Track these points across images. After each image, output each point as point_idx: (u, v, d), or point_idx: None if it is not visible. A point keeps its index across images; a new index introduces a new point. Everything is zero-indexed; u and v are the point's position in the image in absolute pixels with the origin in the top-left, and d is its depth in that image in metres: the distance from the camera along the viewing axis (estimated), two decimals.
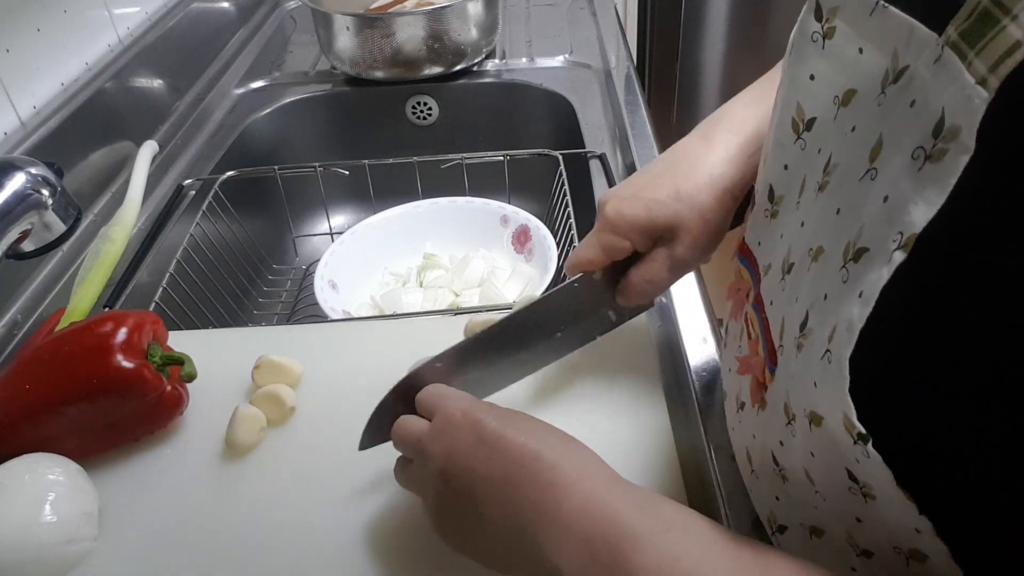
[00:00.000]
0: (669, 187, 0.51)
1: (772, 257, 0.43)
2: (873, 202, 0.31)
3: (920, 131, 0.28)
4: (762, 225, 0.45)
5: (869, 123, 0.33)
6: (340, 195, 1.09)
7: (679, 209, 0.50)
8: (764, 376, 0.42)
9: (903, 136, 0.30)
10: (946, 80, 0.27)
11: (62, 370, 0.53)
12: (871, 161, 0.32)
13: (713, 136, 0.52)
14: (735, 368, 0.48)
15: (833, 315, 0.32)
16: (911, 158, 0.28)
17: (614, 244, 0.53)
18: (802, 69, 0.39)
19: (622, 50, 1.19)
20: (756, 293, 0.45)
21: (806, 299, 0.36)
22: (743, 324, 0.48)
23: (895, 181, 0.30)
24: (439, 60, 1.09)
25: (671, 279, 0.53)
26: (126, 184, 0.88)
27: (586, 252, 0.54)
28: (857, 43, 0.35)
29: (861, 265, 0.31)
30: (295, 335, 0.68)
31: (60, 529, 0.48)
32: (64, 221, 0.61)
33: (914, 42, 0.30)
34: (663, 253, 0.52)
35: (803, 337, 0.35)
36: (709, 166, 0.51)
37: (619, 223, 0.52)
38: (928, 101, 0.28)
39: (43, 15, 0.88)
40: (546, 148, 0.91)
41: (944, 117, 0.27)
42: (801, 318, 0.36)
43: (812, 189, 0.38)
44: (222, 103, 1.12)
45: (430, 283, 0.87)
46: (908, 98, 0.30)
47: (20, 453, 0.51)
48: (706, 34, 2.06)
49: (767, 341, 0.42)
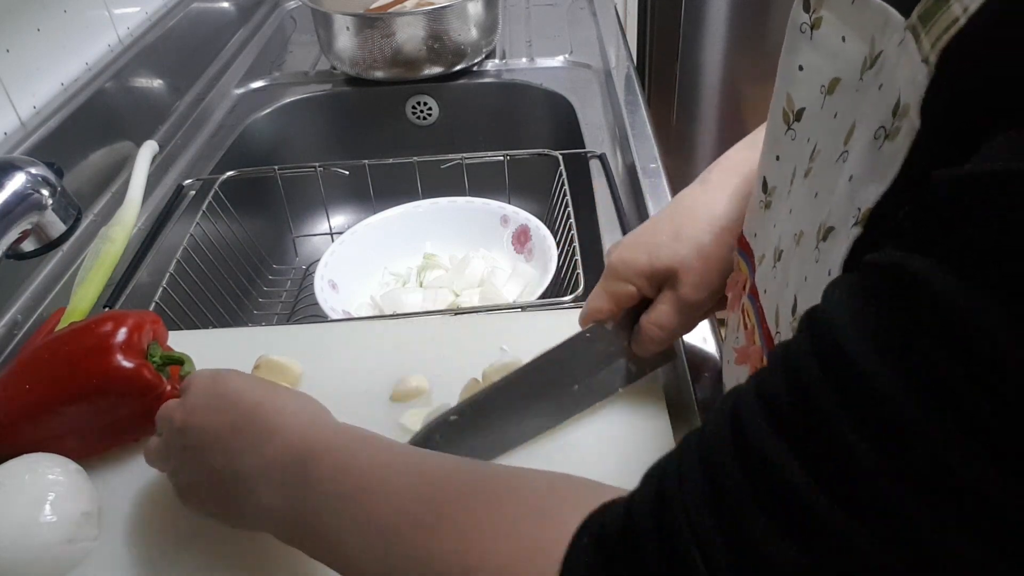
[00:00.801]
0: (669, 230, 0.52)
1: (766, 247, 0.43)
2: (841, 183, 0.32)
3: (883, 111, 0.29)
4: (757, 216, 0.46)
5: (847, 109, 0.34)
6: (340, 195, 1.09)
7: (678, 249, 0.51)
8: (762, 364, 0.42)
9: (872, 118, 0.30)
10: (905, 61, 0.28)
11: (62, 370, 0.53)
12: (844, 144, 0.33)
13: (710, 179, 0.54)
14: (733, 359, 0.49)
15: (814, 297, 0.33)
16: (873, 138, 0.29)
17: (620, 290, 0.54)
18: (792, 60, 0.40)
19: (622, 50, 1.19)
20: (751, 283, 0.46)
21: (794, 284, 0.37)
22: (740, 315, 0.48)
23: (859, 161, 0.31)
24: (439, 60, 1.09)
25: (683, 322, 0.53)
26: (126, 184, 0.88)
27: (595, 302, 0.55)
28: (841, 31, 0.35)
29: (828, 243, 0.32)
30: (295, 335, 0.68)
31: (60, 529, 0.48)
32: (64, 221, 0.61)
33: (888, 28, 0.30)
34: (669, 296, 0.53)
35: (796, 321, 0.35)
36: (707, 206, 0.52)
37: (621, 269, 0.53)
38: (892, 83, 0.29)
39: (43, 15, 0.88)
40: (546, 148, 0.91)
41: (899, 96, 0.28)
42: (791, 303, 0.37)
43: (800, 177, 0.39)
44: (222, 103, 1.12)
45: (430, 283, 0.87)
46: (879, 82, 0.31)
47: (20, 453, 0.51)
48: (706, 34, 2.06)
49: (763, 330, 0.42)
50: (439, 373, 0.61)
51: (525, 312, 0.69)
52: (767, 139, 0.44)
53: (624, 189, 0.87)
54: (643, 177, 0.86)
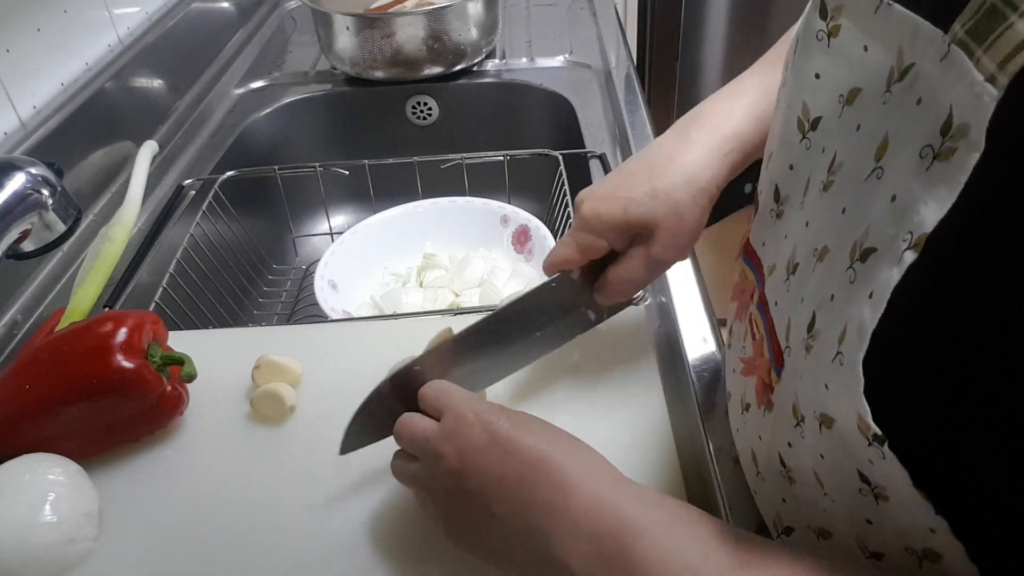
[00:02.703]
0: (645, 186, 0.51)
1: (777, 258, 0.43)
2: (880, 202, 0.31)
3: (928, 129, 0.28)
4: (767, 226, 0.45)
5: (875, 122, 0.33)
6: (340, 195, 1.09)
7: (655, 207, 0.51)
8: (770, 377, 0.42)
9: (910, 134, 0.29)
10: (953, 77, 0.27)
11: (62, 370, 0.53)
12: (877, 160, 0.32)
13: (689, 134, 0.53)
14: (739, 369, 0.48)
15: (842, 316, 0.32)
16: (919, 157, 0.28)
17: (591, 243, 0.53)
18: (807, 67, 0.39)
19: (622, 50, 1.19)
20: (760, 293, 0.45)
21: (812, 300, 0.36)
22: (747, 325, 0.48)
23: (903, 180, 0.29)
24: (439, 60, 1.09)
25: (649, 277, 0.54)
26: (126, 184, 0.88)
27: (563, 251, 0.54)
28: (862, 41, 0.34)
29: (869, 265, 0.31)
30: (295, 335, 0.68)
31: (60, 529, 0.48)
32: (64, 221, 0.61)
33: (919, 40, 0.30)
34: (640, 251, 0.52)
35: (811, 338, 0.35)
36: (684, 165, 0.51)
37: (595, 222, 0.52)
38: (935, 99, 0.28)
39: (43, 15, 0.87)
40: (546, 148, 0.91)
41: (952, 115, 0.27)
42: (808, 319, 0.36)
43: (817, 189, 0.38)
44: (222, 103, 1.12)
45: (430, 283, 0.87)
46: (914, 96, 0.30)
47: (20, 453, 0.51)
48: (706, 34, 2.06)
49: (772, 342, 0.42)
50: None
51: None
52: (778, 145, 0.43)
53: None
54: None
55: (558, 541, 0.39)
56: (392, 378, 0.50)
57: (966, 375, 0.28)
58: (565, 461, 0.41)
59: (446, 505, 0.44)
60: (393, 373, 0.50)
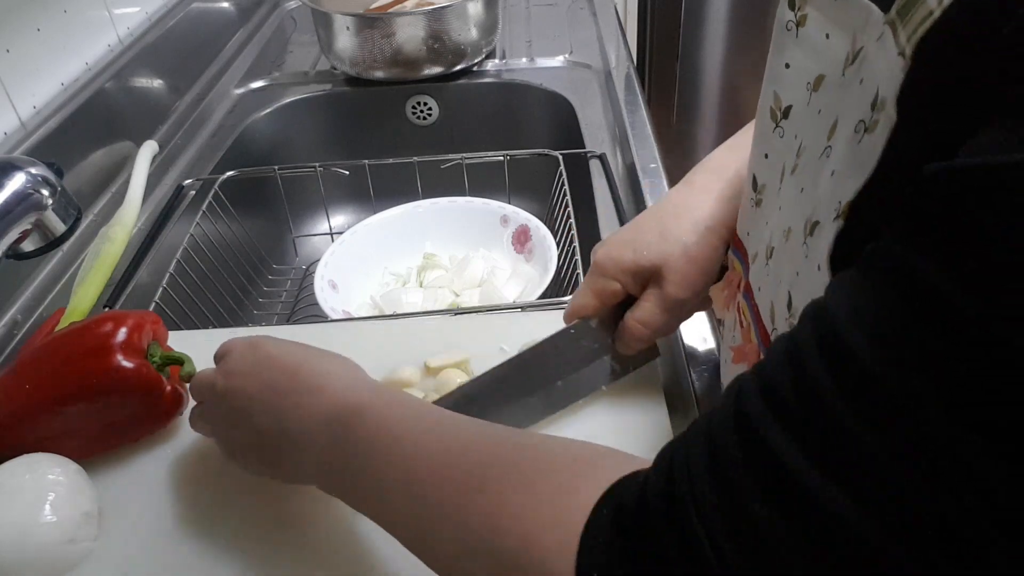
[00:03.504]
0: (655, 230, 0.53)
1: (758, 245, 0.44)
2: (824, 177, 0.32)
3: (863, 105, 0.29)
4: (749, 215, 0.46)
5: (831, 105, 0.34)
6: (340, 195, 1.09)
7: (664, 248, 0.52)
8: (759, 361, 0.42)
9: (852, 112, 0.31)
10: (882, 55, 0.28)
11: (62, 370, 0.53)
12: (828, 140, 0.33)
13: (695, 180, 0.54)
14: (731, 358, 0.49)
15: (807, 292, 0.33)
16: (854, 132, 0.30)
17: (604, 287, 0.54)
18: (779, 59, 0.40)
19: (622, 50, 1.19)
20: (746, 282, 0.46)
21: (786, 280, 0.37)
22: (736, 314, 0.48)
23: (840, 155, 0.31)
24: (439, 60, 1.09)
25: (667, 321, 0.53)
26: (126, 184, 0.88)
27: (579, 299, 0.55)
28: (825, 28, 0.35)
29: (815, 238, 0.32)
30: (295, 335, 0.68)
31: (60, 529, 0.48)
32: (64, 221, 0.61)
33: (870, 24, 0.31)
34: (654, 293, 0.53)
35: (792, 317, 0.36)
36: (692, 207, 0.53)
37: (608, 265, 0.54)
38: (872, 77, 0.29)
39: (43, 15, 0.87)
40: (546, 148, 0.91)
41: (879, 90, 0.28)
42: (786, 299, 0.37)
43: (788, 174, 0.39)
44: (222, 103, 1.12)
45: (430, 283, 0.87)
46: (859, 77, 0.31)
47: (20, 453, 0.51)
48: (706, 34, 2.06)
49: (759, 327, 0.43)
50: None
51: (525, 312, 0.69)
52: (756, 137, 0.44)
53: (624, 189, 0.87)
54: (643, 177, 0.86)
55: (303, 437, 0.43)
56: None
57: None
58: (318, 368, 0.45)
59: (221, 430, 0.49)
60: None
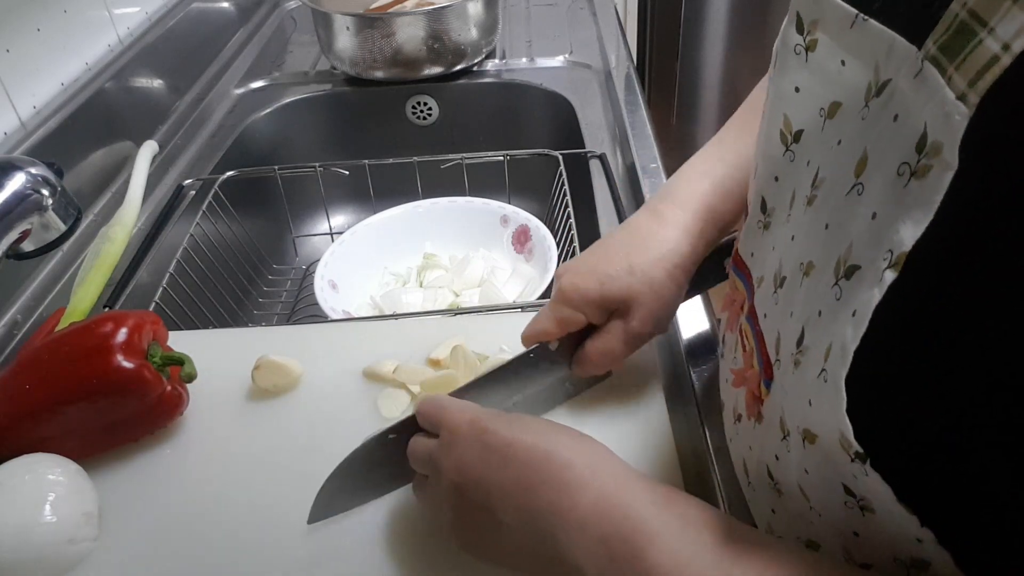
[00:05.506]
0: (622, 262, 0.52)
1: (765, 269, 0.43)
2: (861, 218, 0.31)
3: (904, 146, 0.28)
4: (755, 236, 0.45)
5: (854, 137, 0.33)
6: (340, 195, 1.09)
7: (632, 283, 0.51)
8: (759, 390, 0.42)
9: (887, 151, 0.29)
10: (926, 95, 0.27)
11: (62, 370, 0.53)
12: (857, 176, 0.32)
13: (663, 212, 0.54)
14: (731, 380, 0.48)
15: (828, 333, 0.32)
16: (896, 174, 0.28)
17: (568, 317, 0.53)
18: (786, 81, 0.39)
19: (622, 50, 1.19)
20: (750, 305, 0.45)
21: (801, 315, 0.36)
22: (738, 336, 0.48)
23: (882, 197, 0.29)
24: (439, 60, 1.09)
25: (626, 351, 0.54)
26: (126, 184, 0.88)
27: (541, 324, 0.55)
28: (839, 56, 0.35)
29: (853, 283, 0.31)
30: (295, 335, 0.68)
31: (60, 529, 0.48)
32: (64, 221, 0.61)
33: (894, 55, 0.30)
34: (618, 326, 0.53)
35: (800, 354, 0.35)
36: (660, 242, 0.52)
37: (573, 296, 0.53)
38: (910, 116, 0.28)
39: (43, 15, 0.87)
40: (546, 148, 0.91)
41: (926, 132, 0.26)
42: (797, 334, 0.35)
43: (802, 202, 0.38)
44: (222, 103, 1.12)
45: (430, 283, 0.87)
46: (891, 112, 0.30)
47: (20, 453, 0.51)
48: (706, 34, 2.06)
49: (762, 354, 0.42)
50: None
51: (525, 312, 0.69)
52: (764, 158, 0.43)
53: (624, 189, 0.87)
54: (643, 177, 0.86)
55: (567, 544, 0.38)
56: (364, 445, 0.50)
57: (951, 390, 0.27)
58: (569, 458, 0.40)
59: (454, 519, 0.44)
60: (365, 441, 0.50)
